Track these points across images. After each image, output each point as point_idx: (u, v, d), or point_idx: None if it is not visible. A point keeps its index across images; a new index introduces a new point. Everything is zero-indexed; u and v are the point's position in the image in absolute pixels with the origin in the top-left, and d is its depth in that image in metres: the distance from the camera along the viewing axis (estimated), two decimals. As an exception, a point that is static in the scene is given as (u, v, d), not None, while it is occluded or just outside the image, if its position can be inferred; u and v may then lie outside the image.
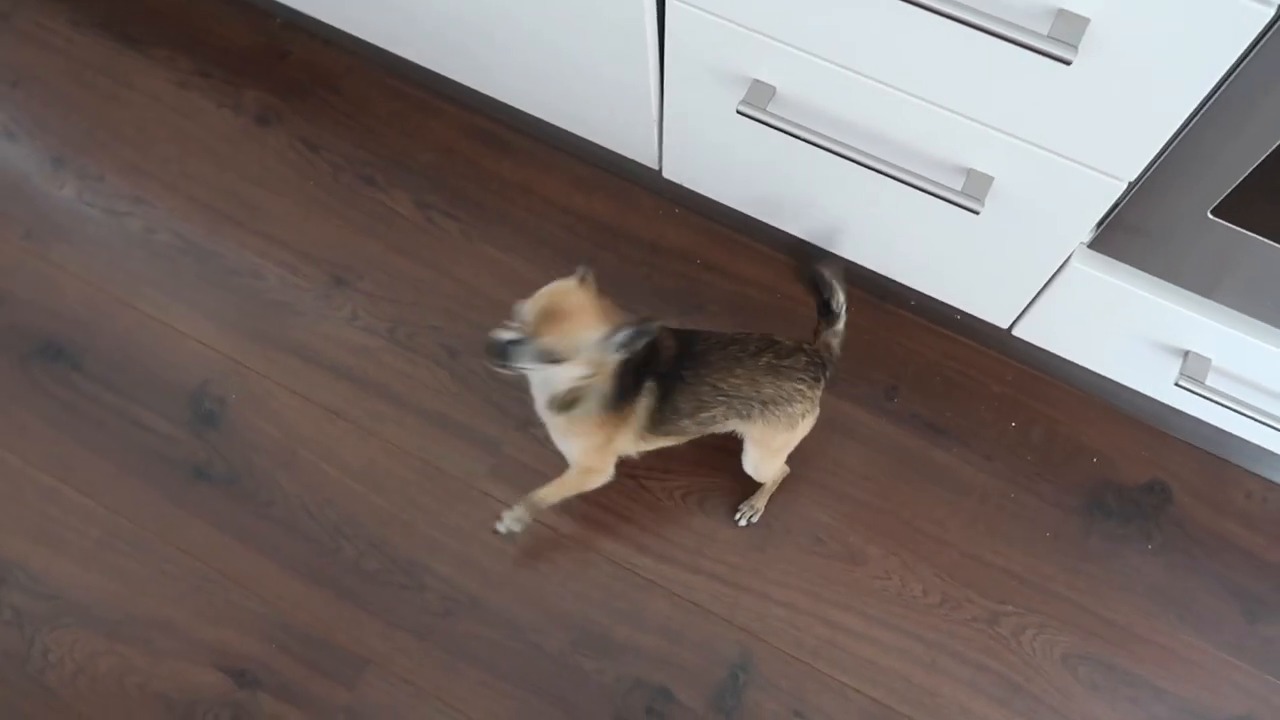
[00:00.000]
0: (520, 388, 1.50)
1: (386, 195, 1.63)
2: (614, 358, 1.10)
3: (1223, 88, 0.85)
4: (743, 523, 1.44)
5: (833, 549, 1.45)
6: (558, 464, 1.48)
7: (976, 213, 1.07)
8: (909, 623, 1.41)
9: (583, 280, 1.09)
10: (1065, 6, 0.83)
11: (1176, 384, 1.17)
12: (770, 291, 1.58)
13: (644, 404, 1.19)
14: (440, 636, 1.40)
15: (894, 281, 1.43)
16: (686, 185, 1.46)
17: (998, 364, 1.53)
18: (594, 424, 1.18)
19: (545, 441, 1.48)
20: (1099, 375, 1.38)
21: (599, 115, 1.41)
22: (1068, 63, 0.83)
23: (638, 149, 1.44)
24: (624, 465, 1.37)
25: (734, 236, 1.60)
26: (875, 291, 1.56)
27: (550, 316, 1.06)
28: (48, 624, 1.40)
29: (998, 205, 1.10)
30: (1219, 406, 1.17)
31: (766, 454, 1.32)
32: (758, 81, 1.13)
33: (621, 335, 1.08)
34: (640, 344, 1.09)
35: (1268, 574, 1.43)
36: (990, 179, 1.07)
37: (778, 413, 1.23)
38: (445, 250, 1.60)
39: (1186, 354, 1.19)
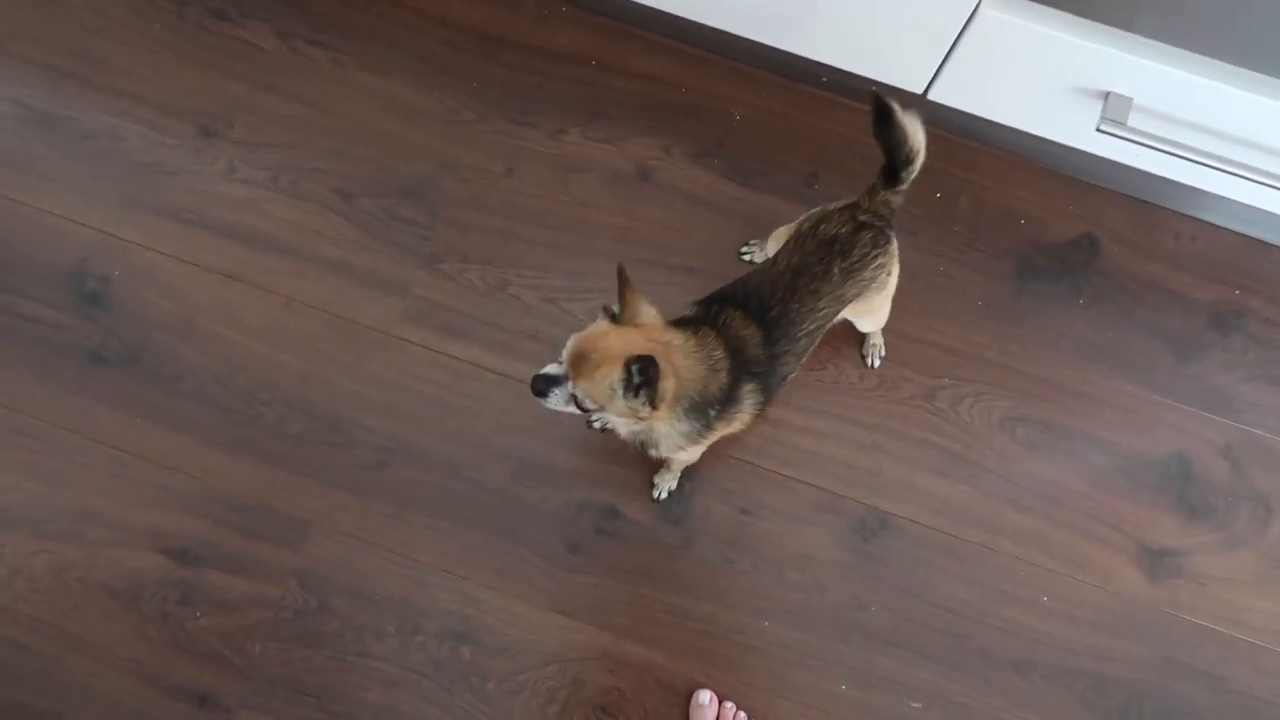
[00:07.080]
0: (414, 221, 1.42)
1: (243, 29, 1.48)
2: (637, 403, 1.00)
3: None
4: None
5: (766, 347, 1.41)
6: (475, 314, 1.42)
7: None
8: (847, 410, 1.40)
9: (621, 274, 1.02)
10: None
11: (1099, 129, 1.11)
12: (674, 87, 1.47)
13: (748, 406, 1.13)
14: (378, 488, 1.37)
15: (803, 58, 1.33)
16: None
17: (917, 134, 1.46)
18: (701, 436, 1.13)
19: (456, 276, 1.42)
20: (1021, 132, 1.31)
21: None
22: None
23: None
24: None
25: (628, 30, 1.48)
26: (786, 72, 1.46)
27: (580, 360, 0.99)
28: (-31, 531, 1.35)
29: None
30: (1144, 148, 1.12)
31: (870, 315, 1.28)
32: None
33: (620, 383, 0.99)
34: (646, 383, 0.98)
35: (1196, 313, 1.43)
36: (885, -77, 0.97)
37: (866, 293, 1.18)
38: (317, 83, 1.46)
39: (1107, 96, 1.12)
